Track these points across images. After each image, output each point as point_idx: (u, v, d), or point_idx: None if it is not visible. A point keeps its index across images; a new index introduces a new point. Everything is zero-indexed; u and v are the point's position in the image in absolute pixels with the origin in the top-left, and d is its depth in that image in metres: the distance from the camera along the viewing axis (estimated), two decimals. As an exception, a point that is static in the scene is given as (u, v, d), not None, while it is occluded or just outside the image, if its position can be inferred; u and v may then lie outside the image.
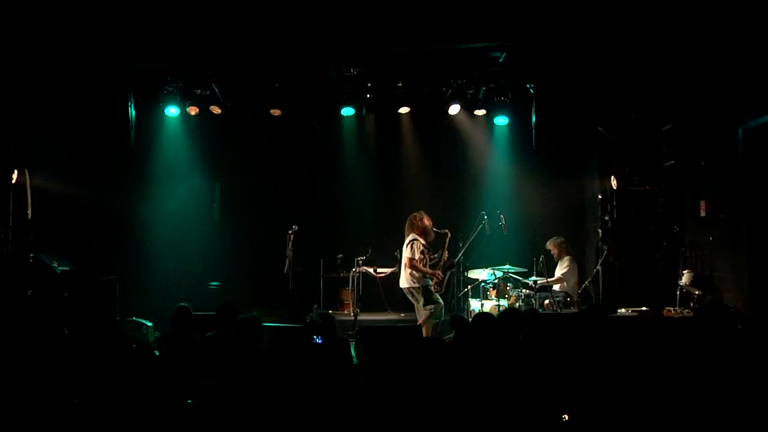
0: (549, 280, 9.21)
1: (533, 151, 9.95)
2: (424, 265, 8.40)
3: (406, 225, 8.63)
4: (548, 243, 9.72)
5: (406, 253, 8.47)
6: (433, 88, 9.70)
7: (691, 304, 8.31)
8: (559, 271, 9.61)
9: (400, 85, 9.75)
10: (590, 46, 8.22)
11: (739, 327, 4.69)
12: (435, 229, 8.65)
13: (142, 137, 9.94)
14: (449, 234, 8.77)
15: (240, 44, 8.34)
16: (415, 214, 8.65)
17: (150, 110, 9.93)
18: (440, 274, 8.50)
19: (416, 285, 8.39)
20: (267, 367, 4.34)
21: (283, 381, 4.11)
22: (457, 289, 9.82)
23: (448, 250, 8.73)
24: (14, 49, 8.12)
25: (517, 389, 4.11)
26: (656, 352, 4.71)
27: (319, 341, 5.42)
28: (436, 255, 8.63)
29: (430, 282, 8.44)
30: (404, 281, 8.51)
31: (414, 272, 8.38)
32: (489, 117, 10.13)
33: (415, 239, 8.47)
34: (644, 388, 4.12)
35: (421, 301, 8.38)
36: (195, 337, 5.63)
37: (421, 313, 8.38)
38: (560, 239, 9.73)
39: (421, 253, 8.42)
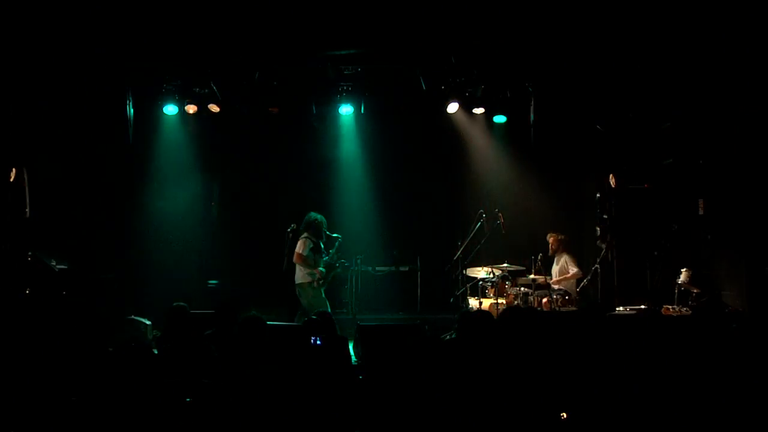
0: (561, 277, 9.28)
1: (532, 150, 9.94)
2: (315, 262, 8.84)
3: (303, 224, 9.07)
4: (549, 235, 9.69)
5: (296, 249, 8.92)
6: (432, 86, 9.69)
7: (690, 302, 8.32)
8: (559, 266, 9.60)
9: (399, 83, 9.74)
10: (589, 44, 8.22)
11: (734, 326, 4.70)
12: (327, 232, 9.06)
13: (140, 136, 9.93)
14: (340, 238, 9.19)
15: (238, 43, 8.35)
16: (311, 214, 9.07)
17: (148, 108, 9.91)
18: (321, 270, 8.87)
19: (303, 281, 8.86)
20: (265, 366, 4.33)
21: (281, 380, 4.11)
22: (455, 287, 9.82)
23: (338, 252, 9.15)
24: (13, 48, 8.11)
25: (515, 387, 4.11)
26: (655, 350, 4.71)
27: (318, 340, 5.42)
28: (327, 257, 9.02)
29: (314, 278, 8.87)
30: (297, 276, 8.93)
31: (302, 267, 8.83)
32: (488, 115, 10.11)
33: (307, 237, 8.89)
34: (642, 386, 4.13)
35: (303, 296, 8.87)
36: (193, 336, 5.62)
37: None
38: (562, 236, 9.72)
39: (311, 250, 8.84)
